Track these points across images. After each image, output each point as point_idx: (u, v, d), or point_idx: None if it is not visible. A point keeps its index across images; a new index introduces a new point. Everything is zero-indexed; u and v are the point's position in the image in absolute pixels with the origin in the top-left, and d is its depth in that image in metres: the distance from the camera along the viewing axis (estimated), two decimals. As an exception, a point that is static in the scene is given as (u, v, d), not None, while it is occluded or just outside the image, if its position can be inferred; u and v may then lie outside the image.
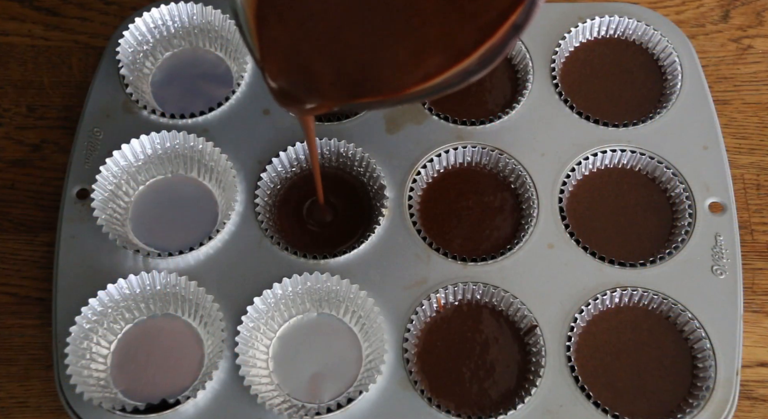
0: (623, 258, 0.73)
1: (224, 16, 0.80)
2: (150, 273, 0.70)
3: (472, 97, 0.81)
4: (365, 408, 0.67)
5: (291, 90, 0.56)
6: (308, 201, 0.77)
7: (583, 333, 0.71)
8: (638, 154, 0.77)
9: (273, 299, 0.70)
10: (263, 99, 0.79)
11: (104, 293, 0.69)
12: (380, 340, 0.69)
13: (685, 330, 0.71)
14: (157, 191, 0.77)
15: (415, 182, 0.76)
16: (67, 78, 0.85)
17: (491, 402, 0.69)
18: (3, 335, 0.74)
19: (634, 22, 0.82)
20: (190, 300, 0.70)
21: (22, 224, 0.79)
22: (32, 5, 0.89)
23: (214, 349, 0.69)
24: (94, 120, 0.77)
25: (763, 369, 0.74)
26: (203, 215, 0.75)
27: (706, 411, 0.67)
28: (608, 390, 0.69)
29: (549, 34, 0.82)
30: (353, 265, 0.72)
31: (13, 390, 0.73)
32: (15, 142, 0.82)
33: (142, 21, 0.79)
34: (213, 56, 0.83)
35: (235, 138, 0.77)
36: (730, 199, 0.75)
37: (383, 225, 0.74)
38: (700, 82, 0.81)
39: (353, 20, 0.54)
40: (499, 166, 0.77)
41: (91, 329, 0.69)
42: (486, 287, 0.71)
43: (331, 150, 0.77)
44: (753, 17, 0.90)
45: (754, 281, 0.77)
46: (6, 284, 0.76)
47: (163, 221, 0.75)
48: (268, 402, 0.66)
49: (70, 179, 0.75)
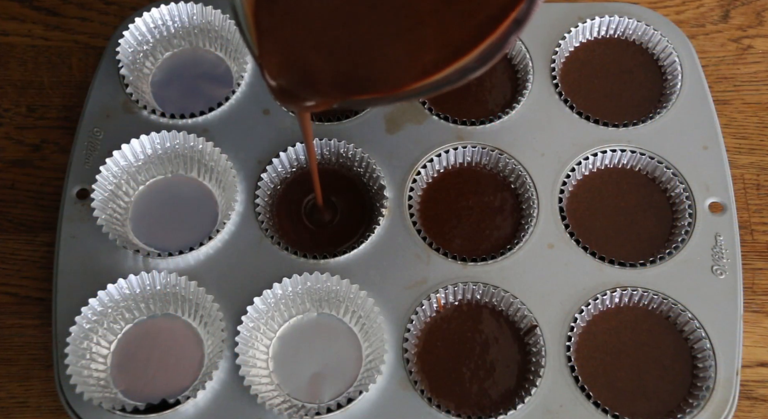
0: (623, 258, 0.73)
1: (224, 16, 0.80)
2: (150, 273, 0.70)
3: (472, 97, 0.81)
4: (365, 408, 0.67)
5: (290, 87, 0.56)
6: (308, 201, 0.77)
7: (583, 333, 0.71)
8: (638, 154, 0.77)
9: (273, 299, 0.70)
10: (263, 99, 0.79)
11: (104, 293, 0.69)
12: (380, 340, 0.69)
13: (685, 330, 0.71)
14: (157, 191, 0.77)
15: (415, 182, 0.76)
16: (67, 78, 0.85)
17: (491, 402, 0.69)
18: (3, 335, 0.74)
19: (634, 22, 0.82)
20: (190, 300, 0.70)
21: (22, 224, 0.79)
22: (32, 5, 0.89)
23: (214, 349, 0.69)
24: (94, 120, 0.77)
25: (763, 369, 0.74)
26: (203, 215, 0.75)
27: (706, 411, 0.67)
28: (608, 390, 0.69)
29: (549, 34, 0.82)
30: (353, 265, 0.72)
31: (13, 390, 0.73)
32: (15, 142, 0.82)
33: (142, 21, 0.79)
34: (213, 56, 0.83)
35: (235, 138, 0.77)
36: (730, 199, 0.75)
37: (383, 225, 0.74)
38: (700, 82, 0.80)
39: (352, 17, 0.54)
40: (499, 166, 0.77)
41: (91, 329, 0.69)
42: (486, 287, 0.71)
43: (331, 150, 0.77)
44: (753, 17, 0.90)
45: (754, 281, 0.77)
46: (6, 284, 0.76)
47: (163, 221, 0.75)
48: (268, 402, 0.66)
49: (70, 179, 0.75)
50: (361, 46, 0.54)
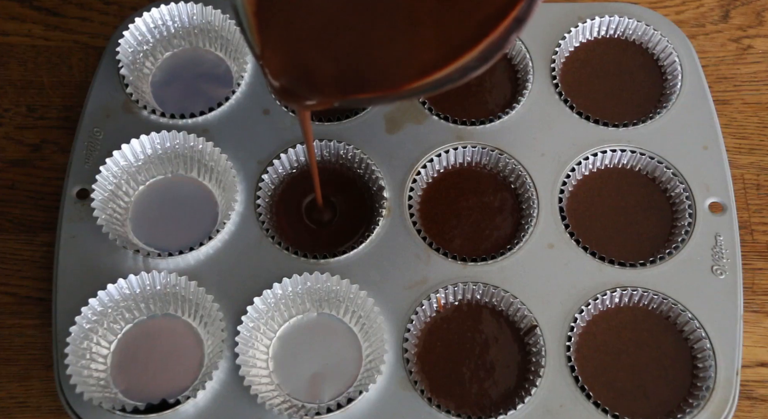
0: (623, 258, 0.73)
1: (224, 16, 0.80)
2: (150, 273, 0.70)
3: (472, 97, 0.81)
4: (365, 408, 0.67)
5: (291, 86, 0.56)
6: (307, 201, 0.77)
7: (583, 333, 0.71)
8: (638, 154, 0.77)
9: (273, 299, 0.70)
10: (263, 99, 0.79)
11: (104, 294, 0.69)
12: (380, 340, 0.69)
13: (685, 330, 0.71)
14: (157, 191, 0.77)
15: (415, 182, 0.76)
16: (67, 78, 0.85)
17: (491, 402, 0.69)
18: (3, 335, 0.74)
19: (634, 22, 0.82)
20: (190, 300, 0.70)
21: (22, 224, 0.79)
22: (32, 5, 0.89)
23: (214, 349, 0.69)
24: (94, 120, 0.77)
25: (763, 369, 0.74)
26: (203, 215, 0.75)
27: (706, 411, 0.67)
28: (608, 390, 0.69)
29: (549, 34, 0.82)
30: (353, 265, 0.72)
31: (13, 390, 0.73)
32: (15, 142, 0.82)
33: (142, 21, 0.79)
34: (213, 56, 0.83)
35: (235, 138, 0.77)
36: (730, 199, 0.75)
37: (383, 225, 0.74)
38: (700, 82, 0.80)
39: (353, 17, 0.54)
40: (499, 166, 0.77)
41: (91, 329, 0.69)
42: (486, 287, 0.71)
43: (332, 152, 0.77)
44: (753, 17, 0.90)
45: (754, 281, 0.77)
46: (6, 284, 0.76)
47: (163, 221, 0.75)
48: (268, 402, 0.66)
49: (70, 179, 0.75)
50: (362, 46, 0.54)
